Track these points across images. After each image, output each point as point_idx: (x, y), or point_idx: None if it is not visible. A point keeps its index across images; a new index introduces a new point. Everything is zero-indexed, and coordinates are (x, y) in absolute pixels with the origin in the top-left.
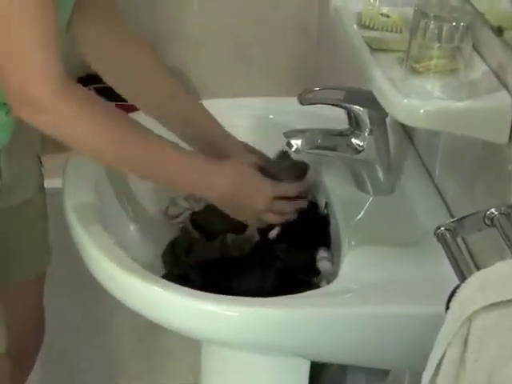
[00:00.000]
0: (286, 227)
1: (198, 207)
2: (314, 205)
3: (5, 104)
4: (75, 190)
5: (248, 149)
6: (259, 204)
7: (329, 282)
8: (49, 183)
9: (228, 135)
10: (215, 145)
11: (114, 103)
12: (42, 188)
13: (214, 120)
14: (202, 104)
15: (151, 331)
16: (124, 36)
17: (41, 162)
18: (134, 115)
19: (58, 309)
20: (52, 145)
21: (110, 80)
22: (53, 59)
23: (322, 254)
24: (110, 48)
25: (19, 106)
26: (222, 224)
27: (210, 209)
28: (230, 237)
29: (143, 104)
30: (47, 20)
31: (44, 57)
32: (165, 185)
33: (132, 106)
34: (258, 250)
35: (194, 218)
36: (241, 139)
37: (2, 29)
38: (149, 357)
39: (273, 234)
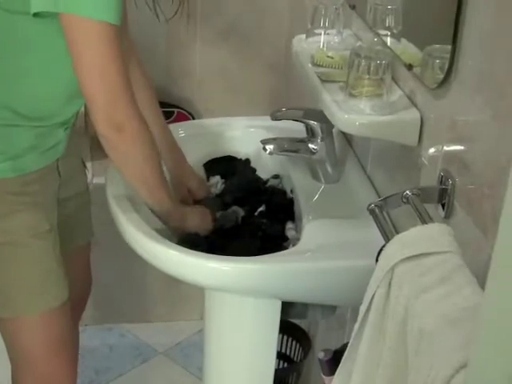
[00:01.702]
0: (266, 207)
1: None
2: (283, 191)
3: (64, 123)
4: (114, 185)
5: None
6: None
7: (294, 245)
8: (96, 180)
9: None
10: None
11: None
12: (86, 183)
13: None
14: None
15: (172, 282)
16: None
17: (85, 165)
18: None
19: (102, 267)
20: (98, 152)
21: None
22: (130, 85)
23: (289, 225)
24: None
25: (105, 126)
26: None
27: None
28: (219, 213)
29: None
30: (120, 49)
31: (127, 83)
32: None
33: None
34: (245, 223)
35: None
36: (232, 146)
37: (101, 72)
38: (169, 300)
39: (258, 211)
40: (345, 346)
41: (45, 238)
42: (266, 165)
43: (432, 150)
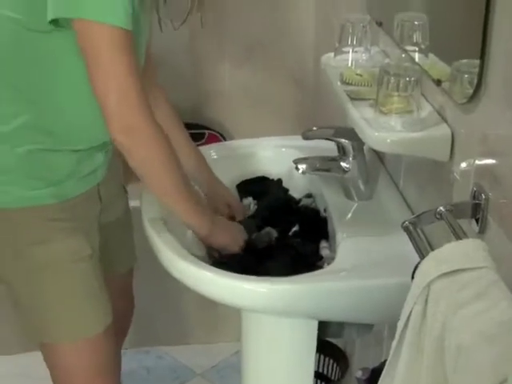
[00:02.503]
0: (300, 227)
1: None
2: (316, 211)
3: (104, 144)
4: (149, 206)
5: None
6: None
7: (329, 264)
8: (132, 203)
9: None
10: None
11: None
12: (127, 208)
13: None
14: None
15: (208, 303)
16: (160, 96)
17: (125, 190)
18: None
19: (139, 289)
20: (132, 176)
21: None
22: (143, 91)
23: (323, 244)
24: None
25: (117, 130)
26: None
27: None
28: (254, 235)
29: None
30: (133, 54)
31: (139, 87)
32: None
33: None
34: (279, 244)
35: None
36: (264, 166)
37: (112, 76)
38: (206, 322)
39: (292, 231)
40: (383, 364)
41: (86, 262)
42: (299, 184)
43: (464, 165)
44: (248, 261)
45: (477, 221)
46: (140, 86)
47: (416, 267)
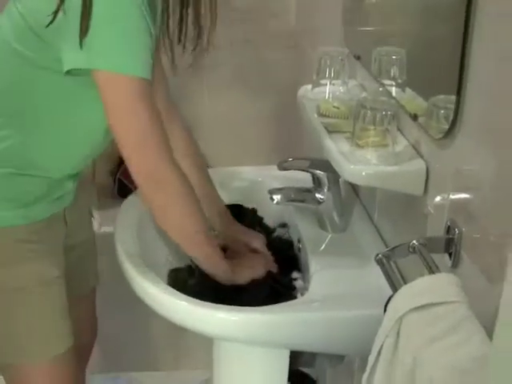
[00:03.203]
0: (273, 256)
1: None
2: (290, 241)
3: (74, 175)
4: (122, 232)
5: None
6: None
7: (302, 294)
8: (104, 228)
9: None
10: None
11: None
12: (92, 231)
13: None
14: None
15: (178, 330)
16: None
17: (92, 214)
18: None
19: (109, 315)
20: (105, 202)
21: None
22: (168, 143)
23: (296, 275)
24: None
25: (147, 185)
26: None
27: None
28: None
29: None
30: (158, 115)
31: (161, 136)
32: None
33: None
34: None
35: None
36: (239, 195)
37: (134, 130)
38: (176, 348)
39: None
40: None
41: (53, 284)
42: (274, 214)
43: (438, 200)
44: (223, 290)
45: (450, 255)
46: (160, 134)
47: (388, 300)
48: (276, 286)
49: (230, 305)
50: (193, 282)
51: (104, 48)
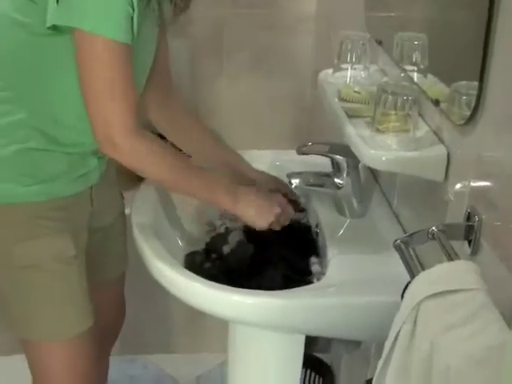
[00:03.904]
0: (291, 241)
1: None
2: (308, 226)
3: (97, 152)
4: (139, 214)
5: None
6: (275, 208)
7: (318, 279)
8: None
9: (251, 168)
10: (243, 174)
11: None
12: (122, 213)
13: (241, 158)
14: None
15: (196, 313)
16: (176, 106)
17: (122, 196)
18: None
19: (126, 297)
20: (124, 183)
21: (167, 134)
22: (130, 110)
23: (313, 260)
24: (168, 113)
25: (104, 145)
26: None
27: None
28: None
29: (192, 152)
30: (125, 78)
31: (123, 108)
32: (203, 201)
33: None
34: (269, 257)
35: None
36: None
37: (92, 87)
38: (193, 331)
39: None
40: (369, 382)
41: (70, 263)
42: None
43: (458, 186)
44: (239, 274)
45: (469, 243)
46: (129, 105)
47: (406, 287)
48: (290, 272)
49: (246, 288)
50: (209, 265)
51: (81, 7)
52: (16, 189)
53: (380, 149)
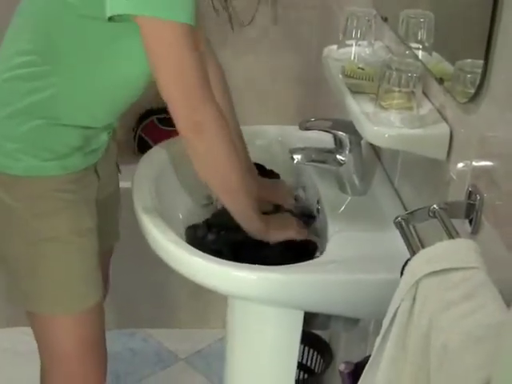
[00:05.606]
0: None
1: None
2: (308, 204)
3: (110, 125)
4: (141, 190)
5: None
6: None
7: (319, 255)
8: (122, 184)
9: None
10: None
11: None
12: (118, 186)
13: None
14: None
15: (196, 288)
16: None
17: (119, 169)
18: None
19: (127, 272)
20: (124, 157)
21: None
22: (210, 88)
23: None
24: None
25: (184, 127)
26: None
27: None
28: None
29: None
30: (201, 59)
31: (205, 83)
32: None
33: None
34: None
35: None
36: (260, 154)
37: (178, 73)
38: (193, 307)
39: None
40: (366, 359)
41: (86, 235)
42: (293, 174)
43: (461, 165)
44: (241, 247)
45: (470, 221)
46: (206, 81)
47: (406, 263)
48: (291, 245)
49: (248, 262)
50: (210, 238)
51: None
52: (36, 163)
53: (383, 125)
